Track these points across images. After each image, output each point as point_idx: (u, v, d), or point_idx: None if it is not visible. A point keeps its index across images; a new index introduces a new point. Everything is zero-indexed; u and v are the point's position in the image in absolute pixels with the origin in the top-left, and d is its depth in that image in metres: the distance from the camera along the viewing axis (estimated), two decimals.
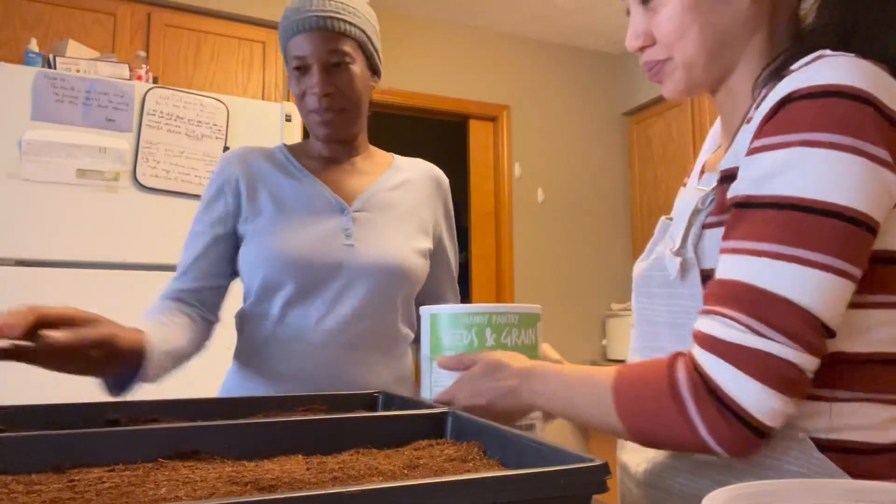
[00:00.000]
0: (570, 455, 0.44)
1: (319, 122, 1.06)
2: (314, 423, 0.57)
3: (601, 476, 0.41)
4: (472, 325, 0.75)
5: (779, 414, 0.55)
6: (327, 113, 1.05)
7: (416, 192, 1.16)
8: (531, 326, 0.77)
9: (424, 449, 0.55)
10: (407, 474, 0.48)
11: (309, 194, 1.08)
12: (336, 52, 1.03)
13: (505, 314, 0.75)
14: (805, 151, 0.56)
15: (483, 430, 0.56)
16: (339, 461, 0.51)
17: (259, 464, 0.50)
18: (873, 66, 0.58)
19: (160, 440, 0.52)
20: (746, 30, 0.68)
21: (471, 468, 0.50)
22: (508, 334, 0.75)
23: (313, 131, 1.10)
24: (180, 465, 0.48)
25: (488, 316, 0.75)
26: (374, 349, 1.07)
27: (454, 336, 0.75)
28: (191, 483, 0.44)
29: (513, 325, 0.75)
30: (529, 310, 0.78)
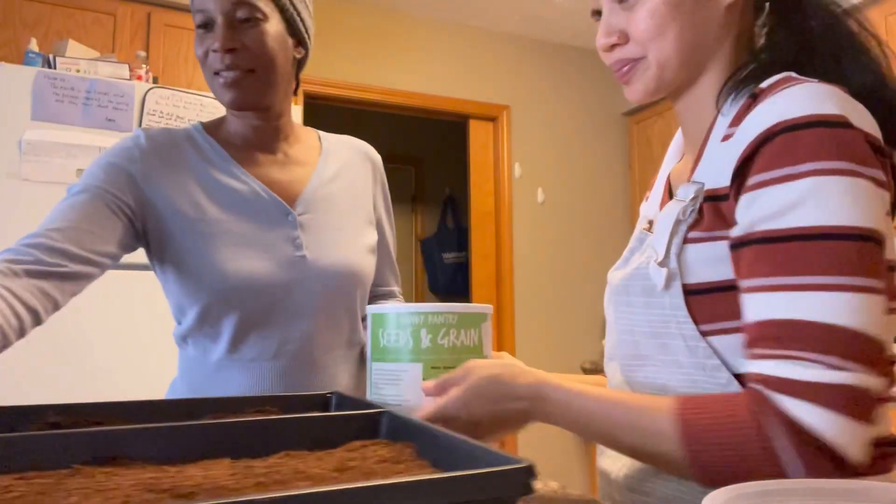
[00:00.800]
0: (499, 457, 0.43)
1: (223, 85, 0.93)
2: (243, 425, 0.55)
3: (526, 479, 0.40)
4: (408, 326, 0.72)
5: (868, 445, 0.54)
6: (230, 71, 0.91)
7: (353, 178, 1.07)
8: (473, 327, 0.74)
9: (358, 450, 0.54)
10: (336, 477, 0.47)
11: (245, 196, 0.95)
12: (243, 5, 0.91)
13: (441, 314, 0.72)
14: (818, 181, 0.57)
15: (416, 431, 0.54)
16: (267, 465, 0.50)
17: (182, 469, 0.48)
18: (843, 93, 0.60)
19: (81, 444, 0.49)
20: (717, 36, 0.69)
21: (401, 470, 0.49)
22: (446, 335, 0.72)
23: (218, 97, 0.95)
24: (97, 472, 0.46)
25: (424, 316, 0.72)
26: (339, 358, 1.01)
27: (390, 336, 0.73)
28: (103, 491, 0.42)
29: (451, 325, 0.72)
30: (470, 309, 0.75)
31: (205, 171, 0.96)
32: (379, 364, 0.74)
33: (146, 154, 0.94)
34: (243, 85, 0.93)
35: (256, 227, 0.94)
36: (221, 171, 0.97)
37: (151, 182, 0.93)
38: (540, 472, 1.04)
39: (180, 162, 0.96)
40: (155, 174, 0.94)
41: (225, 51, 0.90)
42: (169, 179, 0.94)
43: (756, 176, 0.60)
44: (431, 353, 0.72)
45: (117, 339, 2.01)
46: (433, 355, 0.72)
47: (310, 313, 0.96)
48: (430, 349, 0.71)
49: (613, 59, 0.74)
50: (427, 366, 0.71)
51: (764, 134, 0.59)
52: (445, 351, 0.71)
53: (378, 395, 0.74)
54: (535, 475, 0.40)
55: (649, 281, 0.68)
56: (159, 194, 0.93)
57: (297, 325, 0.95)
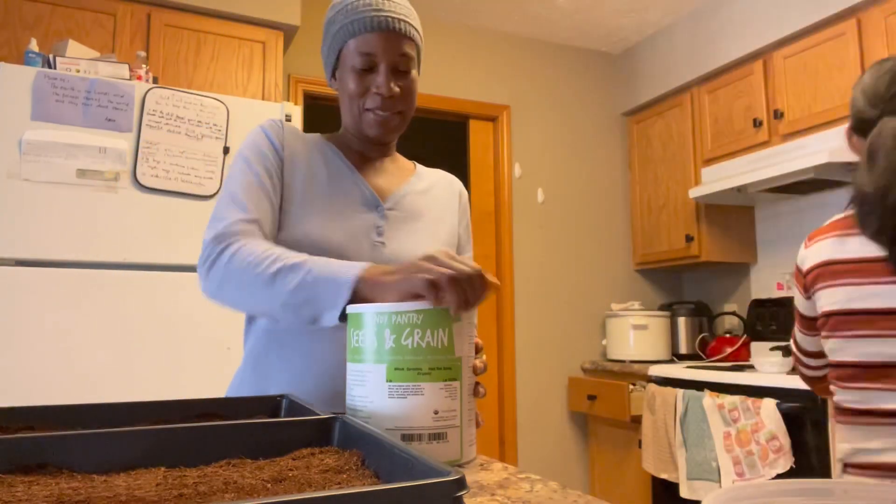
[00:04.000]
0: (431, 468, 0.41)
1: (376, 121, 1.05)
2: (181, 431, 0.53)
3: (455, 491, 0.38)
4: (373, 326, 0.70)
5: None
6: (387, 113, 1.04)
7: (441, 200, 1.18)
8: (441, 327, 0.70)
9: (304, 458, 0.53)
10: (268, 489, 0.46)
11: (343, 184, 1.08)
12: (405, 56, 1.03)
13: (405, 314, 0.69)
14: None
15: (363, 438, 0.53)
16: (201, 474, 0.48)
17: (109, 478, 0.47)
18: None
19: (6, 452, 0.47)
20: None
21: (342, 480, 0.48)
22: (409, 335, 0.69)
23: (365, 130, 1.07)
24: (18, 481, 0.45)
25: (387, 316, 0.70)
26: None
27: (360, 336, 0.71)
28: (13, 502, 0.41)
29: (415, 325, 0.69)
30: (437, 308, 0.71)
31: (322, 161, 1.09)
32: (350, 364, 0.73)
33: (285, 137, 1.08)
34: (392, 124, 1.06)
35: (351, 210, 1.05)
36: (334, 165, 1.09)
37: (288, 160, 1.06)
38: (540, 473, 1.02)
39: (305, 150, 1.09)
40: (290, 154, 1.07)
41: (389, 96, 1.03)
42: (298, 160, 1.07)
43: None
44: (394, 354, 0.69)
45: (117, 340, 2.00)
46: (396, 356, 0.69)
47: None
48: (394, 350, 0.69)
49: None
50: (390, 367, 0.69)
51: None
52: (409, 352, 0.69)
53: (350, 395, 0.73)
54: (465, 488, 0.39)
55: None
56: (290, 169, 1.06)
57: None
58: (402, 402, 0.67)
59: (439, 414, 0.67)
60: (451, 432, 0.68)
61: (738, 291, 3.38)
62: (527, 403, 3.36)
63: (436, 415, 0.67)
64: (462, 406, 0.70)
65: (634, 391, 2.96)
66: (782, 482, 0.40)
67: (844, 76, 2.55)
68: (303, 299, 0.85)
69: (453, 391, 0.69)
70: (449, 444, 0.67)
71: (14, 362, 1.89)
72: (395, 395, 0.68)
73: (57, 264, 1.99)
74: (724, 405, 2.42)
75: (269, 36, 2.70)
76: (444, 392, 0.68)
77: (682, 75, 3.34)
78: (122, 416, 0.66)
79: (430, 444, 0.66)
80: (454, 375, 0.70)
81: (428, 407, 0.67)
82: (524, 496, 0.63)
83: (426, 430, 0.67)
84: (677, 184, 3.37)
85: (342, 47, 1.05)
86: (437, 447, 0.66)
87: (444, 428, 0.68)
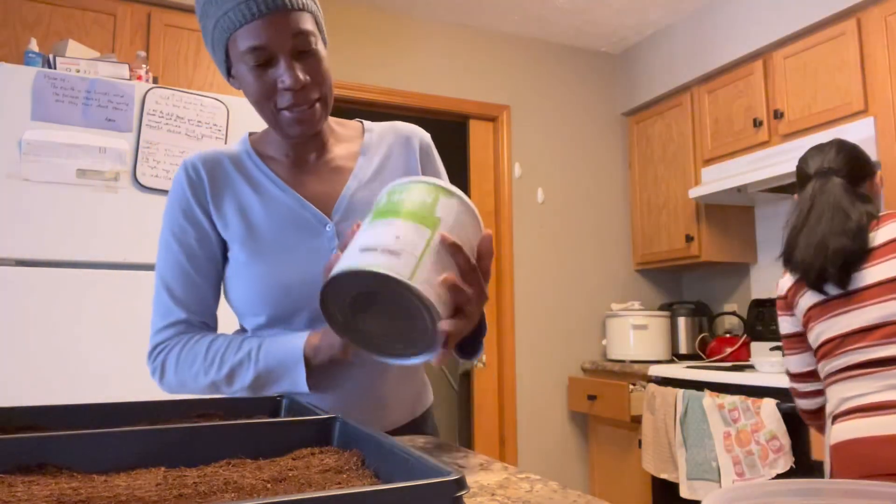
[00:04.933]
0: (431, 468, 0.41)
1: (295, 120, 0.90)
2: (181, 431, 0.53)
3: (455, 491, 0.38)
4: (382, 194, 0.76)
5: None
6: (304, 107, 0.89)
7: (398, 168, 1.04)
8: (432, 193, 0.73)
9: (304, 458, 0.53)
10: (268, 489, 0.46)
11: (280, 211, 0.96)
12: (302, 34, 0.86)
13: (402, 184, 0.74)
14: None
15: (363, 439, 0.53)
16: (200, 474, 0.48)
17: (109, 478, 0.46)
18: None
19: (6, 451, 0.47)
20: None
21: (342, 480, 0.48)
22: (397, 194, 0.73)
23: (285, 131, 0.92)
24: (18, 481, 0.45)
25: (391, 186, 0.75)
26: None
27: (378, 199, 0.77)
28: (13, 502, 0.41)
29: (403, 188, 0.73)
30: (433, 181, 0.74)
31: (251, 188, 0.98)
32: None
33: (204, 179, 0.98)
34: (313, 117, 0.91)
35: (297, 240, 0.95)
36: (264, 188, 0.98)
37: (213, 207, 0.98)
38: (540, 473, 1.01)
39: (228, 183, 0.98)
40: (215, 197, 0.98)
41: (298, 89, 0.87)
42: (224, 201, 0.98)
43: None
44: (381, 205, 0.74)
45: (117, 340, 2.00)
46: (382, 205, 0.74)
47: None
48: (384, 204, 0.74)
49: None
50: (376, 211, 0.73)
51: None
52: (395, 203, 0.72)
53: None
54: (464, 487, 0.38)
55: None
56: (220, 217, 0.98)
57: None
58: (372, 228, 0.70)
59: (401, 238, 0.67)
60: (406, 255, 0.66)
61: (738, 291, 3.38)
62: (527, 403, 3.35)
63: (397, 238, 0.67)
64: (427, 249, 0.68)
65: (634, 391, 2.96)
66: (782, 482, 0.40)
67: (844, 76, 2.55)
68: (263, 385, 0.91)
69: (422, 233, 0.69)
70: (399, 259, 0.65)
71: (14, 362, 1.89)
72: (368, 227, 0.70)
73: (57, 264, 1.99)
74: (724, 405, 2.42)
75: None
76: (413, 229, 0.68)
77: (682, 75, 3.34)
78: (122, 416, 0.66)
79: (382, 254, 0.65)
80: (427, 224, 0.70)
81: (392, 231, 0.68)
82: (524, 496, 0.63)
83: (383, 245, 0.67)
84: (677, 184, 3.37)
85: (227, 44, 0.88)
86: (388, 259, 0.65)
87: (400, 249, 0.67)
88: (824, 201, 1.61)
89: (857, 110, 2.50)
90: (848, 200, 1.59)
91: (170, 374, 0.95)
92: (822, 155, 1.69)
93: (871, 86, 2.47)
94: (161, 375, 0.96)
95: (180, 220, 0.97)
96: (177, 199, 0.98)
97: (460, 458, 0.82)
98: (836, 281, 1.54)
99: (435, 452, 0.85)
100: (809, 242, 1.59)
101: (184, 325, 0.97)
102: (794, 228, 1.65)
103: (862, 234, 1.53)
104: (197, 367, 0.93)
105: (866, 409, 1.45)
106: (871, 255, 1.52)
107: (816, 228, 1.59)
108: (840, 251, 1.52)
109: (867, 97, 2.48)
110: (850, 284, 1.53)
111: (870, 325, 1.49)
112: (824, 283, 1.56)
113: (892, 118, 2.39)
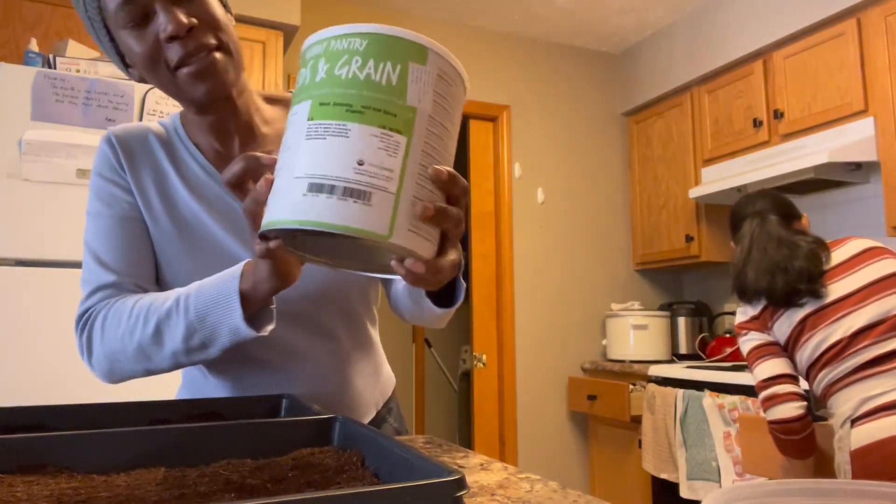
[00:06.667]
0: (431, 468, 0.41)
1: (192, 76, 0.76)
2: (183, 431, 0.52)
3: (455, 491, 0.38)
4: (311, 59, 0.52)
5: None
6: (197, 57, 0.76)
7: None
8: (392, 60, 0.50)
9: (304, 458, 0.53)
10: (268, 489, 0.46)
11: (216, 199, 0.87)
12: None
13: (346, 37, 0.50)
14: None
15: (363, 438, 0.52)
16: (201, 474, 0.48)
17: (109, 478, 0.46)
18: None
19: (7, 451, 0.47)
20: None
21: (343, 480, 0.48)
22: (346, 64, 0.50)
23: (189, 94, 0.78)
24: (18, 481, 0.44)
25: (325, 43, 0.51)
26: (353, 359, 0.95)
27: (298, 76, 0.53)
28: (13, 502, 0.41)
29: (355, 51, 0.50)
30: (388, 32, 0.50)
31: (176, 173, 0.87)
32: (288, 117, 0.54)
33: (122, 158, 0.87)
34: (216, 67, 0.77)
35: (226, 231, 0.86)
36: (191, 172, 0.88)
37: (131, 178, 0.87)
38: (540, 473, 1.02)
39: (152, 165, 0.88)
40: (136, 180, 0.86)
41: (185, 33, 0.74)
42: (146, 185, 0.87)
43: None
44: (322, 87, 0.50)
45: None
46: (324, 89, 0.50)
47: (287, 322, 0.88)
48: (324, 81, 0.50)
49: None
50: (315, 103, 0.50)
51: None
52: (341, 83, 0.50)
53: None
54: (464, 487, 0.38)
55: None
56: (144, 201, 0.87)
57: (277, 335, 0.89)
58: (318, 144, 0.49)
59: (364, 166, 0.48)
60: (377, 195, 0.48)
61: None
62: (527, 403, 3.35)
63: (359, 166, 0.48)
64: (404, 172, 0.50)
65: (634, 391, 2.96)
66: (782, 482, 0.40)
67: (844, 76, 2.55)
68: (200, 342, 0.72)
69: (393, 146, 0.49)
70: (371, 210, 0.47)
71: (14, 362, 1.89)
72: (314, 135, 0.49)
73: (57, 264, 1.99)
74: (724, 405, 2.41)
75: (269, 36, 2.70)
76: (379, 142, 0.49)
77: (682, 75, 3.34)
78: (123, 416, 0.65)
79: (344, 202, 0.47)
80: (398, 126, 0.50)
81: (350, 153, 0.48)
82: (524, 496, 0.63)
83: (341, 181, 0.48)
84: (677, 184, 3.37)
85: (104, 21, 0.78)
86: (354, 208, 0.47)
87: (367, 186, 0.48)
88: (765, 237, 1.70)
89: (857, 110, 2.50)
90: (788, 234, 1.69)
91: (97, 347, 0.79)
92: (752, 201, 1.80)
93: (871, 86, 2.47)
94: (89, 352, 0.80)
95: (104, 186, 0.86)
96: (97, 169, 0.87)
97: (460, 458, 0.82)
98: (811, 294, 1.58)
99: (435, 452, 0.85)
100: (759, 269, 1.65)
101: (112, 289, 0.82)
102: (739, 265, 1.72)
103: (816, 258, 1.61)
104: (122, 330, 0.76)
105: (892, 406, 1.44)
106: (838, 270, 1.60)
107: (763, 259, 1.66)
108: (803, 270, 1.59)
109: (867, 97, 2.48)
110: (827, 296, 1.57)
111: (872, 322, 1.52)
112: (797, 298, 1.59)
113: (892, 118, 2.39)
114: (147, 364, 0.76)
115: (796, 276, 1.59)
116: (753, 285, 1.66)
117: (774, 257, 1.64)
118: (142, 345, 0.75)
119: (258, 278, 0.67)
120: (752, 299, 1.68)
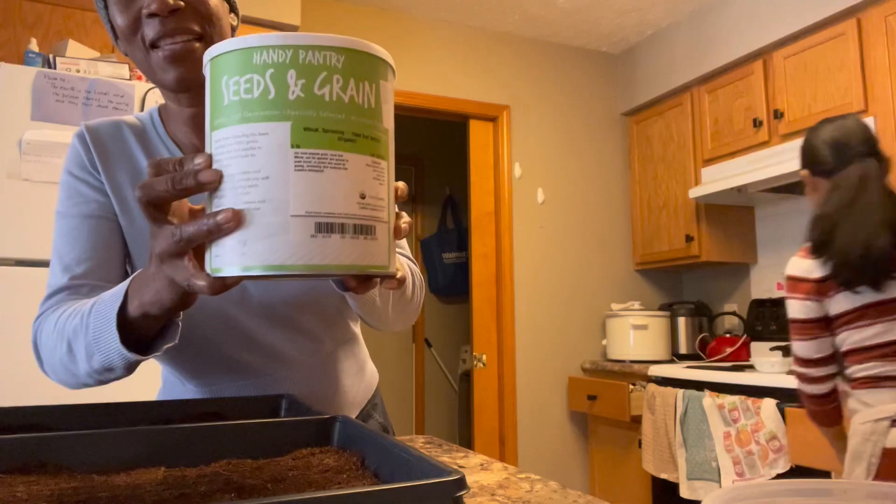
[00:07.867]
0: (431, 468, 0.41)
1: (166, 59, 0.73)
2: (182, 431, 0.52)
3: (455, 491, 0.38)
4: (268, 65, 0.44)
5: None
6: (175, 39, 0.72)
7: None
8: (369, 80, 0.46)
9: (304, 458, 0.53)
10: (268, 489, 0.46)
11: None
12: None
13: (321, 50, 0.45)
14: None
15: (363, 439, 0.52)
16: (201, 474, 0.48)
17: (109, 478, 0.46)
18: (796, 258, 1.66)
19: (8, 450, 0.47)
20: None
21: (342, 481, 0.48)
22: (327, 82, 0.45)
23: (158, 76, 0.75)
24: (18, 481, 0.45)
25: (293, 50, 0.44)
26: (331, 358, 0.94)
27: (239, 86, 0.45)
28: (13, 502, 0.41)
29: (334, 69, 0.45)
30: (364, 48, 0.46)
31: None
32: (220, 131, 0.46)
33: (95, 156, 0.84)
34: (192, 55, 0.73)
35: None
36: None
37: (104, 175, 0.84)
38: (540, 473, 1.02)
39: (126, 160, 0.84)
40: (108, 179, 0.84)
41: (167, 13, 0.71)
42: (118, 182, 0.84)
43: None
44: (306, 108, 0.45)
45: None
46: (308, 111, 0.45)
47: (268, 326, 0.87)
48: (304, 101, 0.45)
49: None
50: (297, 126, 0.44)
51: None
52: (328, 107, 0.45)
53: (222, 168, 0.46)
54: (464, 487, 0.38)
55: None
56: (118, 201, 0.84)
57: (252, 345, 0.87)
58: (315, 177, 0.44)
59: (366, 200, 0.46)
60: (379, 228, 0.47)
61: (738, 291, 3.38)
62: (527, 403, 3.35)
63: (362, 200, 0.45)
64: (389, 198, 0.49)
65: (634, 391, 2.96)
66: (782, 482, 0.40)
67: (844, 76, 2.55)
68: (100, 365, 0.63)
69: (381, 173, 0.47)
70: (377, 244, 0.46)
71: (14, 362, 1.89)
72: (307, 167, 0.44)
73: None
74: (724, 405, 2.41)
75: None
76: (372, 171, 0.46)
77: (682, 75, 3.34)
78: (122, 416, 0.65)
79: (355, 240, 0.45)
80: (382, 152, 0.47)
81: (353, 186, 0.45)
82: (524, 496, 0.63)
83: (350, 218, 0.45)
84: (677, 184, 3.37)
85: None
86: (364, 245, 0.45)
87: (371, 220, 0.46)
88: (874, 197, 1.49)
89: (857, 110, 2.50)
90: (887, 195, 1.50)
91: (44, 356, 0.73)
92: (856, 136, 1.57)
93: (871, 86, 2.47)
94: (39, 360, 0.75)
95: (74, 185, 0.84)
96: (67, 166, 0.85)
97: (460, 458, 0.82)
98: (871, 284, 1.46)
99: (435, 452, 0.85)
100: (856, 235, 1.46)
101: (66, 293, 0.77)
102: (834, 216, 1.51)
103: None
104: (51, 344, 0.70)
105: None
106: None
107: (864, 225, 1.46)
108: (883, 250, 1.43)
109: (867, 97, 2.48)
110: (884, 291, 1.47)
111: None
112: (858, 283, 1.47)
113: (892, 118, 2.39)
114: (76, 380, 0.70)
115: (875, 255, 1.43)
116: (843, 249, 1.48)
117: (872, 221, 1.45)
118: (63, 362, 0.69)
119: (151, 299, 0.55)
120: (829, 261, 1.51)
